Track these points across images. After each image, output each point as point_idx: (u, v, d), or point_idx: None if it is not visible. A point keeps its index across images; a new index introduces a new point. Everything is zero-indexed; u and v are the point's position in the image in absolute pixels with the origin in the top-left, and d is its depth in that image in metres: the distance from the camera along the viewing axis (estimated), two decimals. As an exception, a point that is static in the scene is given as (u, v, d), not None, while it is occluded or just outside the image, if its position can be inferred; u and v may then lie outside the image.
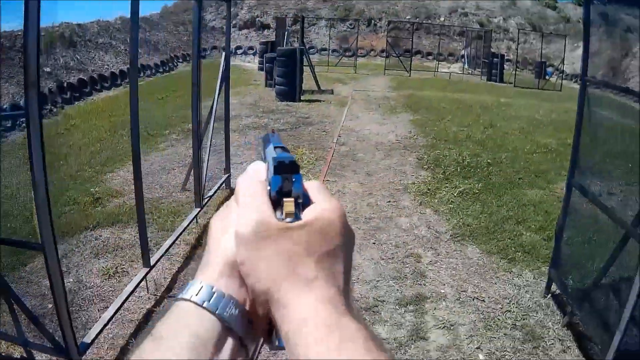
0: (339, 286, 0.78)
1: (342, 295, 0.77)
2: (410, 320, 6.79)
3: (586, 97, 6.71)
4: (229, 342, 0.78)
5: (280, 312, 0.76)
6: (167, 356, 0.73)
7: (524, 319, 6.92)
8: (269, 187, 0.83)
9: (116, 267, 7.69)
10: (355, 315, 0.76)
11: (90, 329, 5.84)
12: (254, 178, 0.89)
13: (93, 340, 5.62)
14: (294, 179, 0.83)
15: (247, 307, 0.81)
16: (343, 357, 0.68)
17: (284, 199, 0.82)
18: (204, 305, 0.78)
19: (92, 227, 9.00)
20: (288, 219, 0.80)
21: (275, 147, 0.93)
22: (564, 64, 37.31)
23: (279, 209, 0.82)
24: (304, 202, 0.83)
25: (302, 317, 0.73)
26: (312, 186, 0.88)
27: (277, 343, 0.81)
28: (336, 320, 0.72)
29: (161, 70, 33.15)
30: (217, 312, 0.78)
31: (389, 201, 10.86)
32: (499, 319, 6.90)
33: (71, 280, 7.25)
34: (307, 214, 0.81)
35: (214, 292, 0.80)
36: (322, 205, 0.83)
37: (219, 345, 0.77)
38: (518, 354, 6.27)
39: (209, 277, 0.82)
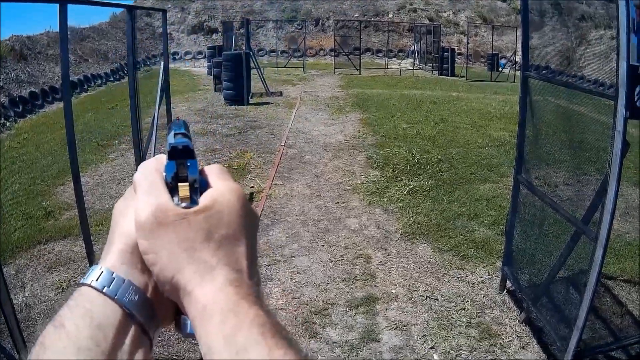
0: (240, 269, 0.78)
1: (245, 278, 0.78)
2: (361, 322, 6.73)
3: (528, 91, 6.58)
4: (131, 329, 0.77)
5: (187, 299, 0.76)
6: (67, 344, 0.72)
7: (479, 317, 6.87)
8: (164, 174, 0.83)
9: (69, 280, 7.67)
10: (258, 298, 0.76)
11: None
12: (151, 166, 0.86)
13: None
14: (188, 164, 0.82)
15: (148, 294, 0.80)
16: (239, 343, 0.70)
17: (179, 184, 0.81)
18: (104, 290, 0.77)
19: (45, 241, 8.97)
20: (184, 204, 0.80)
21: (175, 134, 0.88)
22: (516, 55, 37.43)
23: (176, 195, 0.81)
24: (201, 186, 0.83)
25: (203, 304, 0.74)
26: (211, 170, 0.88)
27: (187, 330, 0.81)
28: (234, 305, 0.73)
29: (112, 79, 32.61)
30: (116, 297, 0.77)
31: (338, 202, 10.75)
32: (453, 318, 6.84)
33: (27, 294, 7.29)
34: (204, 198, 0.81)
35: (114, 278, 0.78)
36: (219, 188, 0.83)
37: (120, 332, 0.75)
38: (474, 352, 6.21)
39: (110, 262, 0.80)
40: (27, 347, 5.10)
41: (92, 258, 6.94)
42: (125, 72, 33.88)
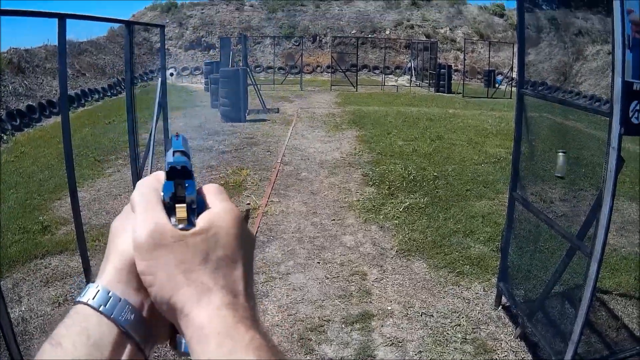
0: (237, 292, 0.79)
1: (241, 300, 0.78)
2: (357, 338, 6.70)
3: (524, 108, 6.59)
4: (126, 347, 0.77)
5: (184, 321, 0.76)
6: None
7: (474, 333, 6.85)
8: (162, 194, 0.83)
9: (65, 295, 7.63)
10: (254, 321, 0.77)
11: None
12: (149, 185, 0.86)
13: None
14: (186, 184, 0.82)
15: (144, 313, 0.80)
16: None
17: (177, 205, 0.81)
18: (100, 309, 0.77)
19: (42, 256, 8.95)
20: (181, 225, 0.80)
21: (174, 152, 0.88)
22: (513, 71, 37.41)
23: (173, 215, 0.81)
24: (199, 207, 0.83)
25: (199, 326, 0.74)
26: (209, 190, 0.88)
27: (182, 349, 0.81)
28: (230, 329, 0.73)
29: (109, 93, 32.56)
30: (112, 316, 0.77)
31: (334, 219, 10.71)
32: (448, 334, 6.82)
33: (23, 308, 7.26)
34: (202, 220, 0.81)
35: (110, 297, 0.78)
36: (216, 210, 0.83)
37: (115, 350, 0.76)
38: None
39: (106, 280, 0.81)
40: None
41: (88, 273, 6.94)
42: (123, 87, 33.95)
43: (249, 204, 11.45)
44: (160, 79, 10.50)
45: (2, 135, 19.93)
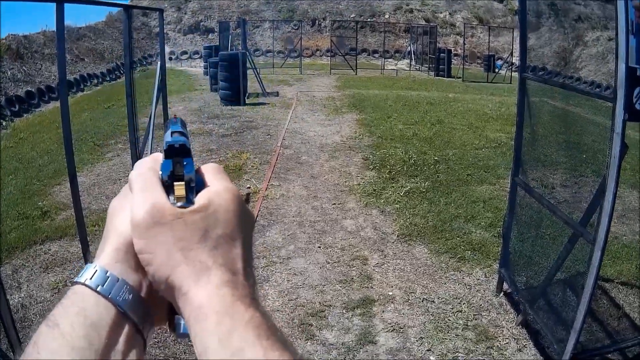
0: (236, 270, 0.78)
1: (240, 279, 0.78)
2: (358, 324, 6.71)
3: (525, 93, 6.56)
4: (124, 328, 0.77)
5: (182, 299, 0.76)
6: (61, 343, 0.72)
7: (475, 319, 6.85)
8: (160, 172, 0.83)
9: (65, 281, 7.59)
10: (253, 299, 0.76)
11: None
12: (147, 165, 0.86)
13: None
14: (184, 163, 0.82)
15: (142, 293, 0.80)
16: (234, 344, 0.70)
17: (175, 183, 0.81)
18: (98, 289, 0.77)
19: (41, 241, 8.95)
20: (179, 203, 0.80)
21: (172, 132, 0.88)
22: (512, 56, 37.36)
23: (172, 194, 0.81)
24: (197, 185, 0.83)
25: (198, 305, 0.74)
26: (207, 169, 0.88)
27: (180, 330, 0.81)
28: (229, 307, 0.73)
29: (108, 78, 32.53)
30: (110, 296, 0.77)
31: (334, 203, 10.72)
32: (449, 320, 6.82)
33: (23, 295, 7.27)
34: (200, 198, 0.81)
35: (108, 277, 0.78)
36: (215, 188, 0.83)
37: (113, 331, 0.75)
38: (471, 354, 6.20)
39: (104, 261, 0.80)
40: (23, 347, 5.09)
41: (88, 258, 6.93)
42: (122, 71, 33.93)
43: (249, 187, 11.44)
44: (159, 63, 10.47)
45: (1, 121, 19.96)
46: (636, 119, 4.36)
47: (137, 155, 9.12)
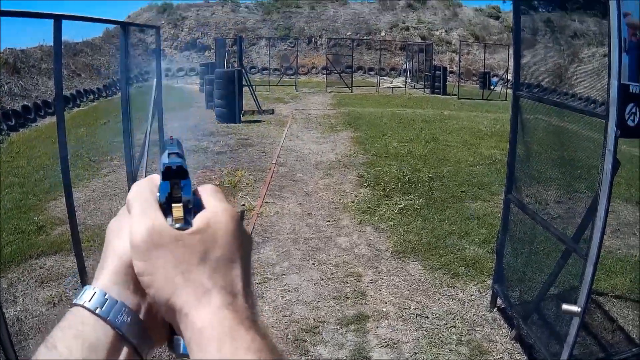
0: (236, 292, 0.78)
1: (240, 300, 0.78)
2: (352, 340, 6.67)
3: (519, 110, 6.61)
4: (123, 350, 0.77)
5: (183, 322, 0.75)
6: None
7: (469, 334, 6.83)
8: (158, 194, 0.83)
9: (60, 296, 7.59)
10: (254, 321, 0.77)
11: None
12: (145, 186, 0.86)
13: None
14: (182, 184, 0.83)
15: (141, 315, 0.80)
16: None
17: (173, 205, 0.81)
18: (97, 311, 0.76)
19: (37, 256, 8.92)
20: (177, 225, 0.79)
21: (169, 154, 0.89)
22: (508, 73, 37.47)
23: (170, 216, 0.81)
24: (195, 207, 0.83)
25: (199, 327, 0.73)
26: (205, 190, 0.88)
27: (180, 350, 0.81)
28: (230, 330, 0.73)
29: (104, 94, 32.53)
30: (108, 318, 0.76)
31: (329, 221, 10.68)
32: (443, 335, 6.80)
33: (18, 309, 7.24)
34: (199, 220, 0.81)
35: (106, 299, 0.78)
36: (213, 209, 0.83)
37: (111, 353, 0.75)
38: None
39: (102, 282, 0.80)
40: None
41: (83, 273, 6.94)
42: (118, 87, 33.96)
43: (243, 204, 11.43)
44: (155, 79, 10.49)
45: (-2, 135, 19.87)
46: (628, 136, 4.38)
47: (132, 173, 9.13)
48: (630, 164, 10.25)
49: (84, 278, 6.92)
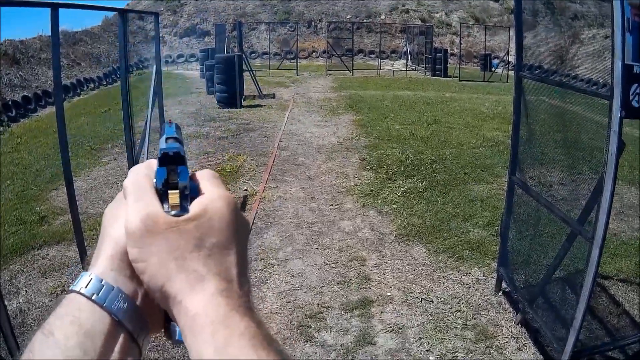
0: (231, 278, 0.78)
1: (235, 287, 0.77)
2: (356, 325, 6.68)
3: (522, 91, 6.56)
4: (119, 337, 0.76)
5: (177, 308, 0.75)
6: (55, 352, 0.72)
7: (474, 318, 6.83)
8: (154, 180, 0.82)
9: (63, 286, 7.56)
10: (248, 308, 0.76)
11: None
12: (141, 172, 0.85)
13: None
14: (179, 171, 0.81)
15: (138, 301, 0.79)
16: (230, 355, 0.70)
17: (169, 191, 0.80)
18: (93, 297, 0.76)
19: (39, 247, 8.94)
20: (173, 212, 0.79)
21: (167, 139, 0.88)
22: (509, 55, 37.33)
23: (166, 202, 0.80)
24: (192, 192, 0.82)
25: (193, 314, 0.73)
26: (202, 176, 0.87)
27: (176, 337, 0.80)
28: (224, 317, 0.72)
29: (104, 82, 32.52)
30: (105, 305, 0.76)
31: (332, 205, 10.68)
32: (448, 320, 6.80)
33: (21, 300, 7.26)
34: (195, 206, 0.80)
35: (103, 285, 0.77)
36: (210, 195, 0.82)
37: (108, 340, 0.75)
38: (471, 354, 6.17)
39: (99, 269, 0.80)
40: (21, 353, 5.09)
41: (85, 263, 6.91)
42: (118, 75, 33.95)
43: (246, 190, 11.42)
44: (155, 66, 10.45)
45: (-1, 127, 19.88)
46: (633, 116, 4.34)
47: (133, 159, 9.11)
48: (632, 146, 10.25)
49: (86, 267, 6.91)
